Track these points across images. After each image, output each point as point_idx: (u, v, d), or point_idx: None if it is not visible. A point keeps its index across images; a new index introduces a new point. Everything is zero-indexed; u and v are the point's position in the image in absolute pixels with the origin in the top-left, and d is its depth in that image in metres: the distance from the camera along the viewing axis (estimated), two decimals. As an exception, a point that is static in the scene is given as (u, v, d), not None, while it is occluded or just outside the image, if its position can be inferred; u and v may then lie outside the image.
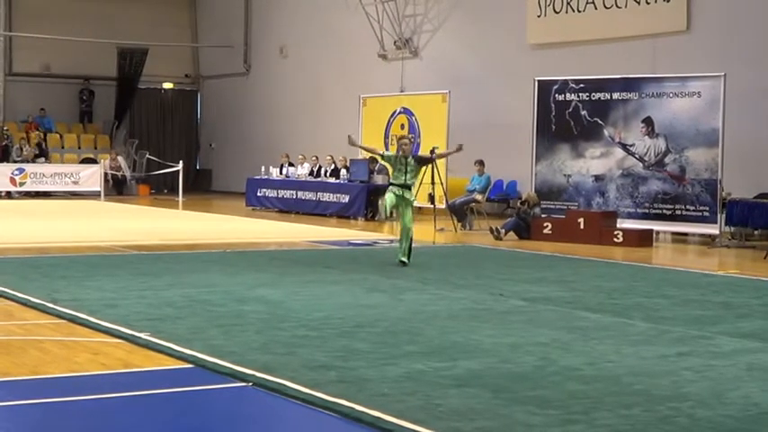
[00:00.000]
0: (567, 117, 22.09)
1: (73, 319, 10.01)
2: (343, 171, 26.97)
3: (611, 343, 9.28)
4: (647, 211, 21.08)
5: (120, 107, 39.17)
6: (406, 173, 15.44)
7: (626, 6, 24.89)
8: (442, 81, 27.91)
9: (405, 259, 15.26)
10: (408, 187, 15.50)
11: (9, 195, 32.35)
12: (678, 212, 20.70)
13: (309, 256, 16.68)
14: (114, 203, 30.54)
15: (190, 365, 8.14)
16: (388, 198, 15.44)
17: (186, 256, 16.38)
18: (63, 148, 37.23)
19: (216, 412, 6.94)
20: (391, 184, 15.72)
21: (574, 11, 26.13)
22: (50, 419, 6.73)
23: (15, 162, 33.42)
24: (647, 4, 24.38)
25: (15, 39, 37.97)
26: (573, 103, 22.04)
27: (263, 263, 15.37)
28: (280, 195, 28.32)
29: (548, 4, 26.72)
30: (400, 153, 15.69)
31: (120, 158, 35.82)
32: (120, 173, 35.53)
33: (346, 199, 25.86)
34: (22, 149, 34.16)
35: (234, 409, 7.10)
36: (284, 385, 7.35)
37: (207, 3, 40.93)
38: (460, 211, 23.11)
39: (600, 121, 21.71)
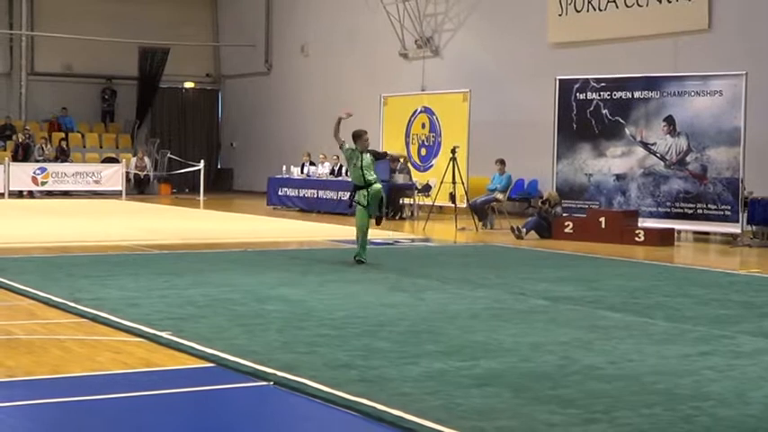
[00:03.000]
0: (588, 116, 22.04)
1: (95, 318, 10.04)
2: (364, 170, 26.94)
3: (633, 342, 9.26)
4: (668, 210, 21.02)
5: (141, 106, 39.29)
6: (362, 168, 15.31)
7: (647, 5, 24.83)
8: (462, 80, 27.89)
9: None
10: (370, 184, 15.28)
11: (31, 195, 32.48)
12: (700, 211, 20.63)
13: (330, 256, 16.68)
14: (136, 203, 30.64)
15: (211, 365, 8.15)
16: (359, 217, 15.29)
17: (207, 255, 16.42)
18: (84, 147, 37.37)
19: (238, 411, 6.95)
20: (357, 187, 15.41)
21: (595, 9, 26.08)
22: (72, 418, 6.75)
23: (37, 161, 33.56)
24: (669, 2, 24.32)
25: (37, 38, 38.14)
26: (594, 102, 21.99)
27: (284, 262, 15.40)
28: (301, 194, 28.36)
29: (569, 2, 26.68)
30: (358, 147, 15.50)
31: (146, 158, 35.96)
32: (144, 172, 35.65)
33: (367, 198, 25.81)
34: (43, 149, 34.31)
35: (255, 408, 7.12)
36: (306, 384, 7.36)
37: (228, 2, 41.01)
38: (482, 211, 23.09)
39: (621, 120, 21.65)
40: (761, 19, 22.88)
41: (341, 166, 28.52)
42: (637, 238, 19.80)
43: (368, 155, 15.47)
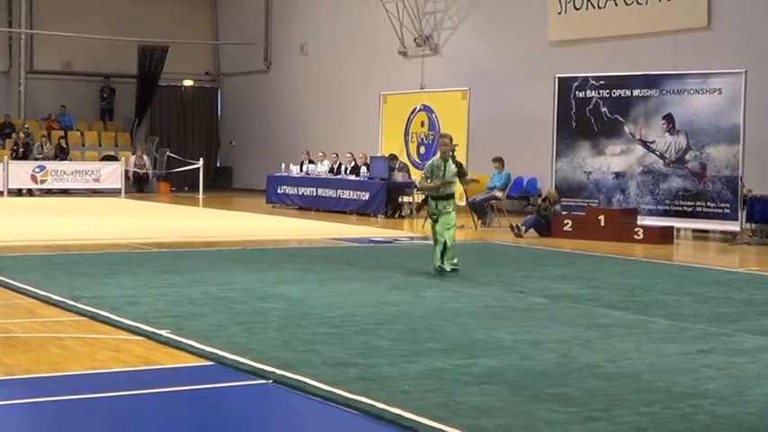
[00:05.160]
0: (587, 114, 22.04)
1: (94, 317, 10.04)
2: (363, 168, 26.97)
3: (632, 340, 9.26)
4: (667, 208, 21.02)
5: (140, 105, 39.25)
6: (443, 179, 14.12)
7: (646, 3, 24.81)
8: (462, 78, 27.87)
9: (441, 265, 14.00)
10: (446, 197, 14.29)
11: (30, 193, 32.47)
12: (699, 209, 20.64)
13: (330, 254, 16.69)
14: (135, 201, 30.62)
15: (211, 363, 8.15)
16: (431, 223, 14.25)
17: (207, 253, 16.41)
18: (84, 145, 37.33)
19: (237, 410, 6.95)
20: (431, 197, 14.28)
21: (594, 7, 26.06)
22: (71, 417, 6.75)
23: (36, 159, 33.54)
24: (668, 0, 24.30)
25: (36, 36, 38.11)
26: (593, 100, 21.99)
27: (283, 260, 15.39)
28: (300, 193, 28.35)
29: (568, 0, 26.66)
30: (437, 156, 14.34)
31: (145, 156, 35.94)
32: (144, 170, 35.62)
33: (366, 196, 25.86)
34: (42, 147, 34.30)
35: (254, 406, 7.12)
36: (305, 383, 7.36)
37: (227, 0, 40.98)
38: (481, 209, 23.09)
39: (620, 118, 21.65)
40: (760, 17, 22.87)
41: (340, 164, 28.52)
42: (636, 236, 19.80)
43: (451, 164, 14.14)
